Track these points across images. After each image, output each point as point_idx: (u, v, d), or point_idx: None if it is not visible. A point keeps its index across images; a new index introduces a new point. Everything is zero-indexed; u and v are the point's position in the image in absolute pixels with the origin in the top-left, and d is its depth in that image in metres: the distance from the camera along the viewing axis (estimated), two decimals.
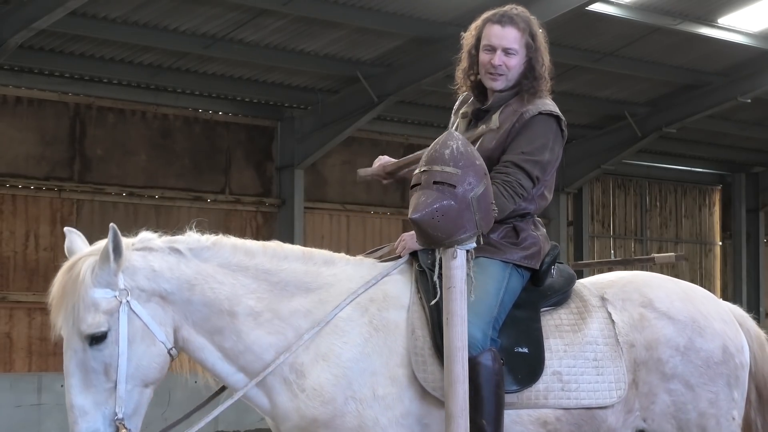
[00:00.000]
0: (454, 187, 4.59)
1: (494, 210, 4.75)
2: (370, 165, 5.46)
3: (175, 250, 4.90)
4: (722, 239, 25.79)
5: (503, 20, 5.26)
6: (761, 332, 5.68)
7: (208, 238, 5.02)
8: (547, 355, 5.04)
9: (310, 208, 18.72)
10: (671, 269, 24.04)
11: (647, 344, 5.19)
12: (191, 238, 5.00)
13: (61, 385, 15.74)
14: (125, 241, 4.85)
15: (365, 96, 17.33)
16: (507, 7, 5.31)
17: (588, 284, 5.44)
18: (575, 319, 5.20)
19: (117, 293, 4.71)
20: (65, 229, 5.08)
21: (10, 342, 15.93)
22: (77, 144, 16.61)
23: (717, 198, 25.79)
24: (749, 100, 19.55)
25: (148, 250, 4.89)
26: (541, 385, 4.99)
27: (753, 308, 25.61)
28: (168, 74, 16.70)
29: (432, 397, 4.84)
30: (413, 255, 5.12)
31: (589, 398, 5.05)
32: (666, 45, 17.82)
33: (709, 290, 20.91)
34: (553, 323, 5.16)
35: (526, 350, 5.01)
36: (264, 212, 18.49)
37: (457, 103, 5.54)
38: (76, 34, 15.07)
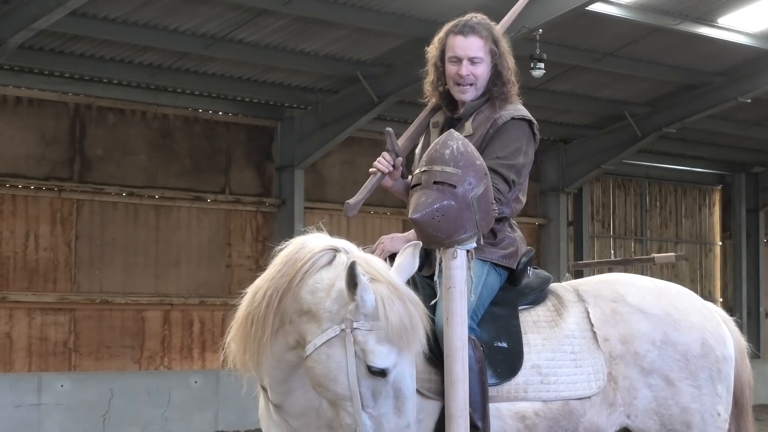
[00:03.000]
0: (454, 187, 4.60)
1: (494, 210, 4.77)
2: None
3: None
4: (722, 239, 25.79)
5: (465, 30, 5.33)
6: (742, 339, 5.67)
7: None
8: (525, 349, 5.12)
9: (310, 208, 18.72)
10: (671, 269, 24.06)
11: (622, 338, 5.24)
12: None
13: (62, 385, 15.75)
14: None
15: (365, 96, 17.34)
16: (467, 17, 5.40)
17: (564, 284, 5.56)
18: (552, 315, 5.30)
19: None
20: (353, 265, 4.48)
21: (10, 342, 15.93)
22: (77, 144, 16.62)
23: (717, 198, 25.79)
24: (749, 100, 19.54)
25: None
26: (520, 378, 5.07)
27: (753, 308, 25.81)
28: (168, 74, 16.70)
29: (421, 393, 4.88)
30: (391, 257, 5.18)
31: (568, 390, 5.11)
32: (666, 45, 17.82)
33: (709, 290, 20.81)
34: (531, 319, 5.26)
35: (505, 345, 5.09)
36: (264, 212, 18.50)
37: (425, 112, 5.60)
38: (76, 34, 15.07)
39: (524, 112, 5.32)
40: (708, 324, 5.42)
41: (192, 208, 17.64)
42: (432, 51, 5.46)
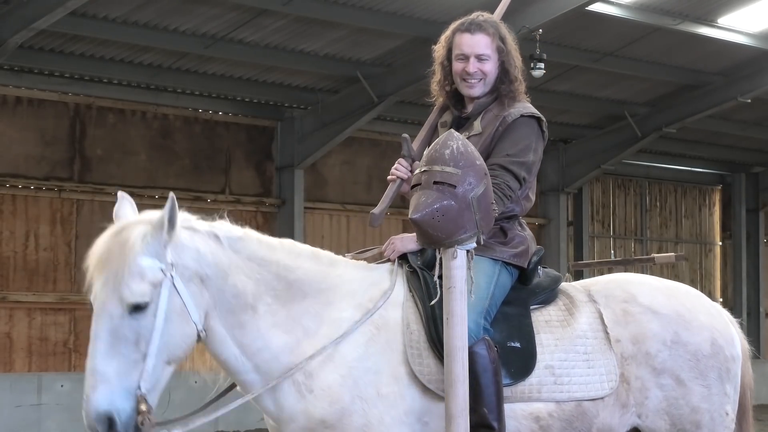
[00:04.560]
0: (455, 187, 4.59)
1: (494, 210, 4.77)
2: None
3: (215, 237, 4.89)
4: (722, 239, 25.79)
5: (472, 28, 5.31)
6: (745, 342, 5.66)
7: (238, 229, 5.02)
8: (538, 349, 5.10)
9: (310, 208, 18.73)
10: (671, 269, 24.05)
11: (633, 338, 5.23)
12: (225, 226, 4.99)
13: (62, 385, 15.70)
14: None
15: (365, 96, 17.34)
16: (474, 15, 5.39)
17: (574, 284, 5.54)
18: (564, 315, 5.27)
19: (164, 266, 4.63)
20: (119, 193, 4.95)
21: (10, 342, 15.93)
22: (77, 144, 16.62)
23: (717, 198, 25.80)
24: (749, 100, 19.56)
25: (193, 231, 4.87)
26: (534, 378, 5.05)
27: (753, 308, 25.81)
28: (168, 74, 16.70)
29: (430, 394, 4.88)
30: (401, 257, 5.20)
31: (581, 391, 5.10)
32: (666, 45, 17.83)
33: (709, 290, 20.80)
34: (543, 319, 5.23)
35: (518, 345, 5.07)
36: (264, 212, 18.50)
37: (434, 113, 5.57)
38: (76, 34, 15.07)
39: (533, 110, 5.31)
40: (717, 324, 5.43)
41: (192, 208, 17.51)
42: (439, 50, 5.43)
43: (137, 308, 4.55)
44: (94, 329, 4.55)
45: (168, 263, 4.64)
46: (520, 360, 5.04)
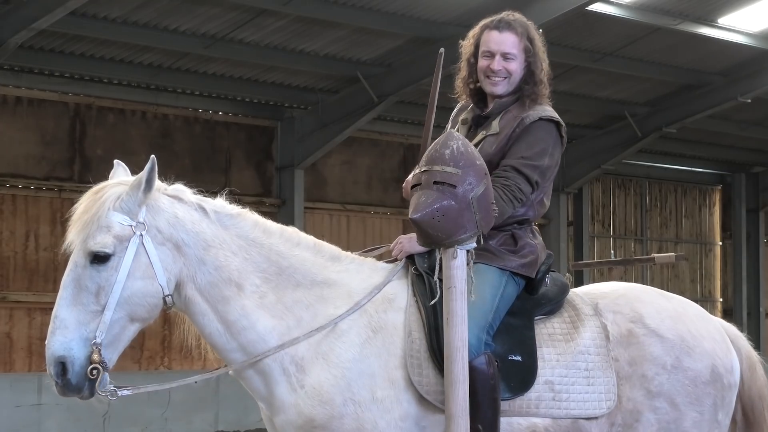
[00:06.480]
0: (455, 187, 4.59)
1: (494, 210, 4.75)
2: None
3: (202, 209, 5.00)
4: (722, 239, 25.78)
5: (501, 26, 5.29)
6: (753, 353, 5.63)
7: (234, 208, 5.14)
8: (539, 364, 5.04)
9: (310, 208, 18.71)
10: (671, 269, 24.05)
11: (631, 360, 5.17)
12: (219, 202, 5.12)
13: None
14: (159, 183, 4.98)
15: (365, 96, 17.33)
16: (504, 13, 5.37)
17: (581, 294, 5.43)
18: (568, 328, 5.20)
19: (134, 224, 4.76)
20: (115, 161, 5.20)
21: (10, 342, 15.92)
22: (77, 144, 16.61)
23: (717, 198, 25.79)
24: (749, 100, 19.55)
25: (178, 200, 4.98)
26: (533, 393, 4.99)
27: (753, 308, 25.81)
28: (168, 74, 16.70)
29: (427, 403, 4.84)
30: (409, 258, 5.13)
31: (579, 408, 5.04)
32: (666, 45, 17.82)
33: (709, 290, 20.82)
34: (546, 332, 5.16)
35: (519, 358, 5.01)
36: (264, 212, 18.20)
37: (455, 110, 5.52)
38: (76, 34, 15.07)
39: (553, 114, 5.27)
40: (719, 351, 5.37)
41: None
42: (466, 47, 5.38)
43: (98, 258, 4.68)
44: (63, 278, 4.70)
45: (139, 222, 4.77)
46: (520, 374, 4.98)
